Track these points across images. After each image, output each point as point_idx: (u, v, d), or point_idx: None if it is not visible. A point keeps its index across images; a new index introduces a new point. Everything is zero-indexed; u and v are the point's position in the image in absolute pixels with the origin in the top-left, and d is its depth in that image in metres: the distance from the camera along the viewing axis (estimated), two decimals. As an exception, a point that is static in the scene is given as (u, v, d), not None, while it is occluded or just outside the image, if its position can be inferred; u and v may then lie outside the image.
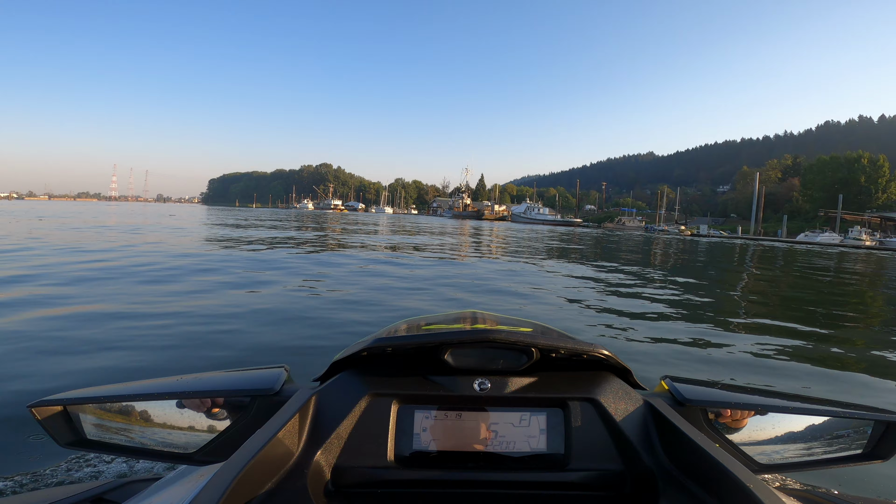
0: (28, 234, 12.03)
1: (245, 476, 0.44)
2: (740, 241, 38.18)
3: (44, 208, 44.19)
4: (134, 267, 6.75)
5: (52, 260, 7.14)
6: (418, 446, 0.60)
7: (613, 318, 4.75)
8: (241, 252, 9.72)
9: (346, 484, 0.57)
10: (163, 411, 0.63)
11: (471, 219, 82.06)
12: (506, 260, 10.89)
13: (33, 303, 4.21)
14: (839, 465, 0.67)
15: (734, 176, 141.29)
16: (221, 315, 4.02)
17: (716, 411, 0.67)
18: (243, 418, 0.64)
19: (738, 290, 7.76)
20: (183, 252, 9.08)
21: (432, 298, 5.49)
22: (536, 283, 7.11)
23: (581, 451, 0.60)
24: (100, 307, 4.13)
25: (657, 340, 3.85)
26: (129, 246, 9.91)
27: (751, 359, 3.42)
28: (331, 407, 0.60)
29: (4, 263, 6.52)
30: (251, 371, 0.71)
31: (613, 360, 0.65)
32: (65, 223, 18.13)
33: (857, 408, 0.67)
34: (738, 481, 0.45)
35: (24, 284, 5.09)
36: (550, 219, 74.72)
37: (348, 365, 0.66)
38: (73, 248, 9.03)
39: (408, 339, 0.63)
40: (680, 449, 0.56)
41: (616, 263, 11.18)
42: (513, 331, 0.62)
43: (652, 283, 7.73)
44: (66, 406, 0.62)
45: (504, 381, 0.62)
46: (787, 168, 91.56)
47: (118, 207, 64.46)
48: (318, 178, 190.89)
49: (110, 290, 4.98)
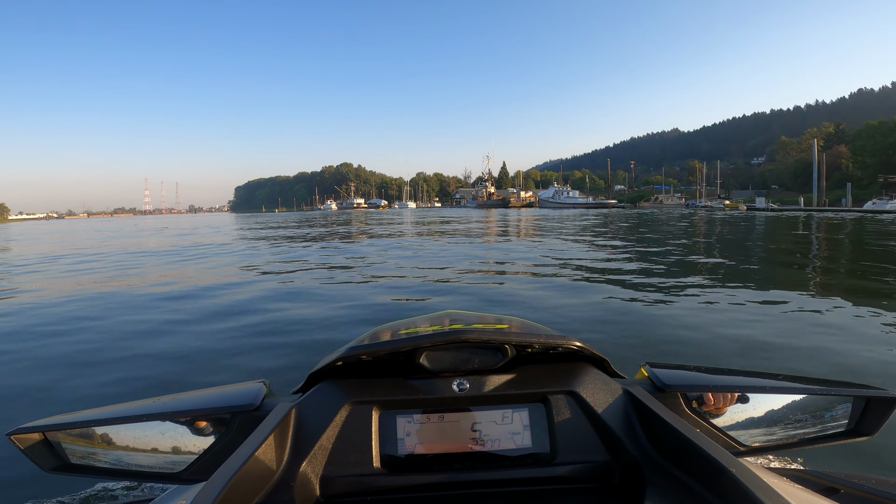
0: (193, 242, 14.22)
1: (229, 493, 0.44)
2: (803, 214, 34.81)
3: (103, 226, 47.31)
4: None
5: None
6: (403, 451, 0.60)
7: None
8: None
9: (335, 494, 0.57)
10: (145, 433, 0.63)
11: (496, 207, 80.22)
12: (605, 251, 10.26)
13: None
14: (823, 444, 0.67)
15: (767, 147, 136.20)
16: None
17: (697, 396, 0.67)
18: (226, 435, 0.63)
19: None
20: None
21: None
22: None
23: (566, 444, 0.60)
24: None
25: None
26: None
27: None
28: (312, 418, 0.60)
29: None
30: (230, 388, 0.70)
31: (588, 351, 0.65)
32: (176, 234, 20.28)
33: (837, 385, 0.68)
34: (721, 466, 0.45)
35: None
36: (582, 201, 70.70)
37: (325, 375, 0.66)
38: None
39: (381, 345, 0.62)
40: (662, 436, 0.56)
41: (736, 256, 8.86)
42: (485, 329, 0.63)
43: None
44: (45, 433, 0.61)
45: (482, 379, 0.62)
46: (829, 136, 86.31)
47: (162, 221, 66.84)
48: (339, 178, 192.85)
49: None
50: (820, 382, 0.68)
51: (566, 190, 77.52)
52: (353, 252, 11.29)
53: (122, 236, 15.28)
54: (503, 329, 0.65)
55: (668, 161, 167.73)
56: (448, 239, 12.99)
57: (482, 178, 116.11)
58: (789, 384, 0.67)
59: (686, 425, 0.53)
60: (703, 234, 15.06)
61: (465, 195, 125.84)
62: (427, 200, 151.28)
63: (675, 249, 10.17)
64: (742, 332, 3.61)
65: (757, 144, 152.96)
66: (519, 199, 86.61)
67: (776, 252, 9.96)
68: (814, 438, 0.67)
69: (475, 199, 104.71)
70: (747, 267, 7.48)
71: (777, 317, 4.12)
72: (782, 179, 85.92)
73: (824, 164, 54.47)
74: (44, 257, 12.33)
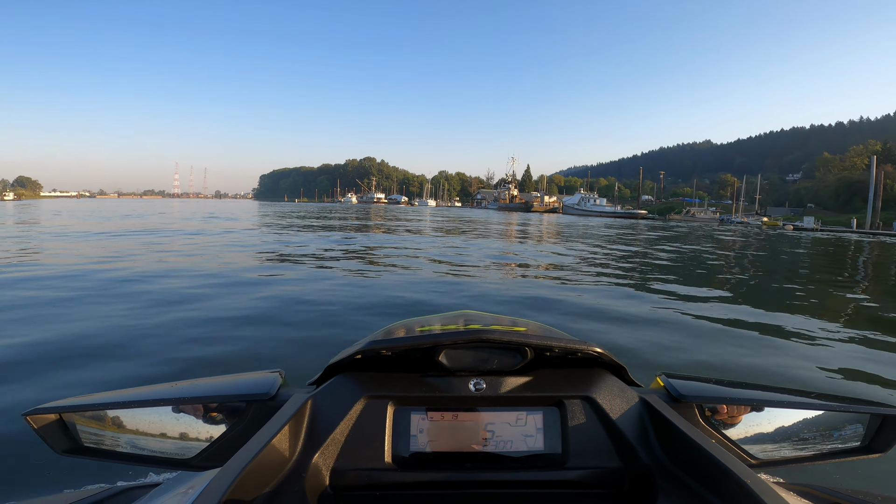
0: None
1: (242, 481, 0.45)
2: (856, 237, 31.89)
3: (137, 207, 47.52)
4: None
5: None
6: (415, 448, 0.60)
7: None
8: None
9: (344, 487, 0.57)
10: (159, 418, 0.63)
11: (518, 211, 78.75)
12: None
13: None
14: (836, 460, 0.67)
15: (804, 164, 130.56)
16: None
17: (712, 407, 0.67)
18: (239, 423, 0.64)
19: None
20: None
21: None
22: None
23: (578, 449, 0.60)
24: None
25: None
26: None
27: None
28: (327, 410, 0.61)
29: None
30: (246, 376, 0.71)
31: (607, 358, 0.65)
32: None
33: (853, 402, 0.67)
34: (735, 477, 0.45)
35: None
36: (609, 210, 67.36)
37: (343, 368, 0.66)
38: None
39: (402, 340, 0.63)
40: (677, 445, 0.56)
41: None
42: (507, 330, 0.62)
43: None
44: (62, 414, 0.62)
45: (499, 380, 0.62)
46: (875, 154, 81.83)
47: (197, 205, 67.37)
48: (362, 171, 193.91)
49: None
50: (836, 399, 0.68)
51: (593, 197, 74.96)
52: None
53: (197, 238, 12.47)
54: (524, 331, 0.65)
55: (699, 173, 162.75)
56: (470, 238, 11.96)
57: (505, 179, 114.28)
58: (805, 399, 0.67)
59: (701, 435, 0.53)
60: (789, 261, 11.95)
61: (487, 196, 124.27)
62: (447, 199, 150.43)
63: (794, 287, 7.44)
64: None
65: (794, 160, 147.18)
66: (542, 204, 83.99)
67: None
68: (827, 454, 0.67)
69: (497, 200, 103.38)
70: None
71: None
72: (821, 198, 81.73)
73: (882, 183, 50.24)
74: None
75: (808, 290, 7.21)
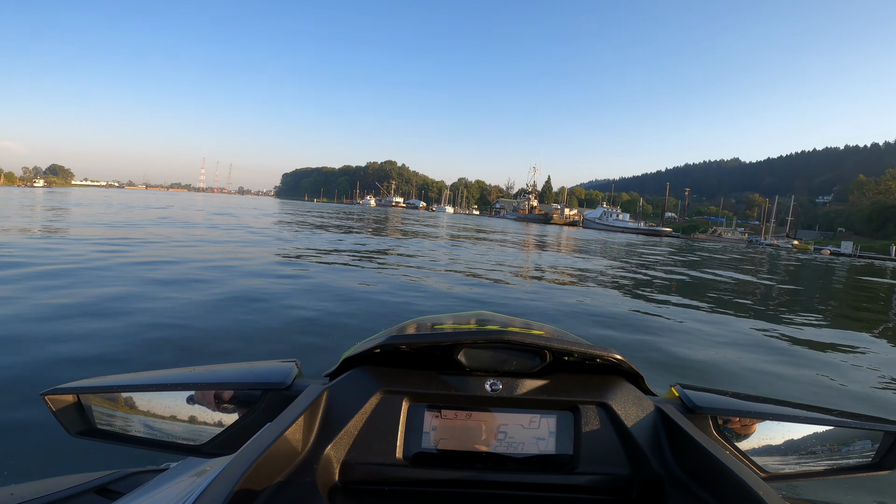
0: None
1: (256, 469, 0.45)
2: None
3: (167, 199, 47.94)
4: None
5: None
6: (427, 445, 0.60)
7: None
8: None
9: (354, 480, 0.58)
10: (173, 402, 0.64)
11: (537, 222, 77.51)
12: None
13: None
14: (847, 475, 0.68)
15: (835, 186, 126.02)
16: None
17: (725, 419, 0.67)
18: (253, 412, 0.64)
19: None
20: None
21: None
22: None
23: (590, 454, 0.60)
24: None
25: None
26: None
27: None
28: (342, 403, 0.61)
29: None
30: (262, 364, 0.71)
31: (626, 366, 0.65)
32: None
33: (866, 419, 0.68)
34: (747, 488, 0.45)
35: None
36: (632, 226, 65.21)
37: (360, 362, 0.66)
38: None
39: (422, 337, 0.63)
40: (689, 454, 0.56)
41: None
42: (527, 332, 0.62)
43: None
44: (79, 395, 0.62)
45: (516, 382, 0.62)
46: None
47: (222, 199, 68.36)
48: (382, 175, 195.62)
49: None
50: (849, 416, 0.68)
51: (615, 212, 72.73)
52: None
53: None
54: (543, 335, 0.65)
55: (725, 192, 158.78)
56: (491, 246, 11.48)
57: (525, 189, 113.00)
58: (819, 415, 0.67)
59: (714, 445, 0.54)
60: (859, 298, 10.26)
61: (506, 206, 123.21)
62: (466, 207, 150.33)
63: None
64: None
65: (825, 182, 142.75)
66: (562, 216, 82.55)
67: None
68: (838, 469, 0.68)
69: (515, 210, 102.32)
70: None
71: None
72: (853, 222, 78.68)
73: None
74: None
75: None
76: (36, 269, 5.63)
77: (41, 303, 4.06)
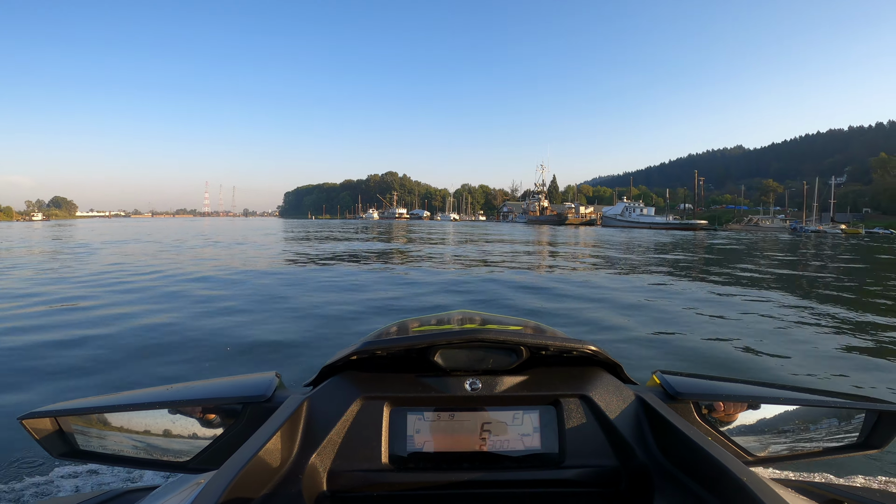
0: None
1: (238, 483, 0.44)
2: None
3: (176, 225, 45.82)
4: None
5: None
6: (412, 448, 0.60)
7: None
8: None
9: (342, 488, 0.57)
10: (155, 420, 0.63)
11: (550, 224, 73.18)
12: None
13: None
14: (833, 456, 0.67)
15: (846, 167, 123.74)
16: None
17: (708, 404, 0.67)
18: (236, 426, 0.64)
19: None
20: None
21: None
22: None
23: (575, 448, 0.60)
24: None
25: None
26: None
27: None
28: (323, 412, 0.60)
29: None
30: (242, 378, 0.71)
31: (602, 356, 0.65)
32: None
33: (849, 397, 0.68)
34: (732, 475, 0.45)
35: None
36: (660, 221, 59.52)
37: (339, 369, 0.66)
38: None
39: (396, 341, 0.62)
40: (673, 443, 0.56)
41: None
42: (501, 329, 0.62)
43: None
44: (57, 418, 0.62)
45: (495, 380, 0.62)
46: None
47: (228, 223, 65.91)
48: (384, 186, 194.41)
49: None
50: (833, 395, 0.68)
51: (638, 206, 67.82)
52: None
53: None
54: (519, 330, 0.65)
55: (733, 180, 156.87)
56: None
57: (533, 190, 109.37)
58: (802, 395, 0.67)
59: (697, 433, 0.53)
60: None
61: (514, 209, 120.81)
62: (471, 213, 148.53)
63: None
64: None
65: (834, 163, 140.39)
66: (577, 216, 77.42)
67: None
68: (823, 450, 0.67)
69: (525, 213, 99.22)
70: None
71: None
72: (879, 201, 76.39)
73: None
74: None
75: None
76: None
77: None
